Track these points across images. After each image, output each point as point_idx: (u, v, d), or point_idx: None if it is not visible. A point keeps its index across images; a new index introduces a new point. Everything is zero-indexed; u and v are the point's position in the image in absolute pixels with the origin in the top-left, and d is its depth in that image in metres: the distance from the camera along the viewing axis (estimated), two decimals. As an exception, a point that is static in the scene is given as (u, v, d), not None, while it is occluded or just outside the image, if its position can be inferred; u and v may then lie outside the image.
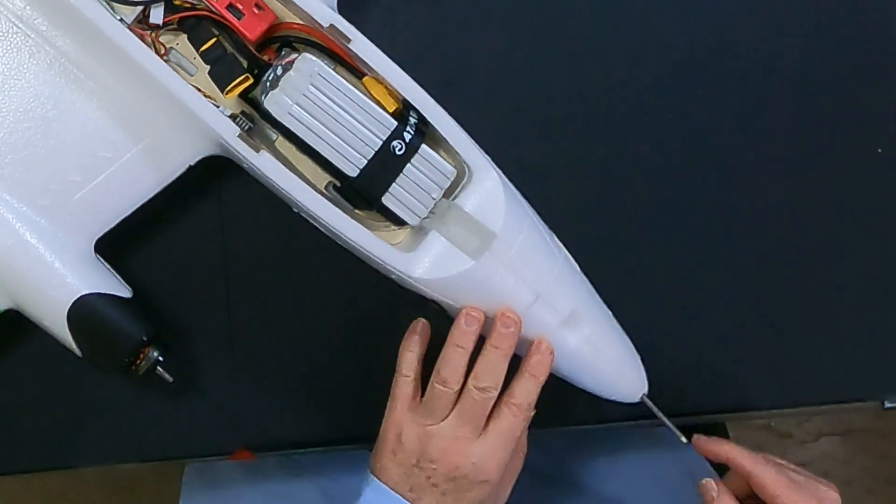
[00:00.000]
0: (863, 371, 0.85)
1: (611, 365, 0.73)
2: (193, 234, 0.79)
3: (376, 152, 0.67)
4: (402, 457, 0.70)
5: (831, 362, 0.84)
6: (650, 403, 0.73)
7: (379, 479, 0.71)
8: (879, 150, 0.84)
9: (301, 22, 0.71)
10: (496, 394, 0.70)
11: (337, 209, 0.68)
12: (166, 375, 0.73)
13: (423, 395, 0.71)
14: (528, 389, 0.70)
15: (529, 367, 0.70)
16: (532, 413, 0.71)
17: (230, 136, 0.67)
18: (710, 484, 0.72)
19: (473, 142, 0.69)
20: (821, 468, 1.60)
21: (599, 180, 0.82)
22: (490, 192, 0.69)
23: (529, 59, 0.82)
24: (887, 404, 0.85)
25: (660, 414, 0.73)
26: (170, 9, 0.69)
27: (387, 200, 0.68)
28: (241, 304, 0.80)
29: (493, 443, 0.70)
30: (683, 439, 0.73)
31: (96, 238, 0.72)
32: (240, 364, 0.80)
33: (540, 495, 0.92)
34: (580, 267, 0.73)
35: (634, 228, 0.82)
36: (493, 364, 0.69)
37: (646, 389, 0.74)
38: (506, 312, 0.69)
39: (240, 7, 0.69)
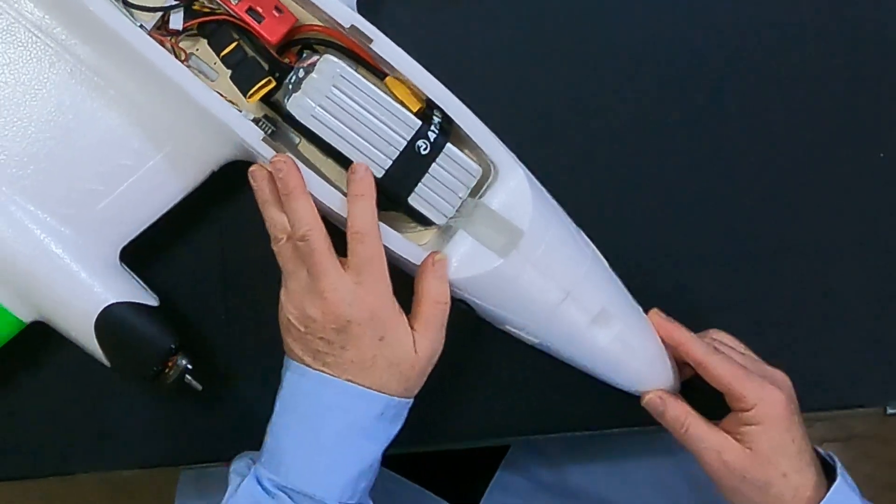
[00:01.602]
0: (865, 377, 0.84)
1: (641, 361, 0.72)
2: (191, 244, 0.79)
3: (401, 153, 0.67)
4: (294, 332, 0.68)
5: (833, 368, 0.83)
6: (681, 399, 0.73)
7: (292, 359, 0.69)
8: (882, 155, 0.83)
9: (321, 23, 0.70)
10: (318, 234, 0.66)
11: (363, 211, 0.67)
12: (195, 383, 0.72)
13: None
14: (361, 212, 0.66)
15: (352, 191, 0.67)
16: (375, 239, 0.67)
17: (254, 141, 0.67)
18: (654, 399, 0.72)
19: (498, 140, 0.69)
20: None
21: (600, 187, 0.81)
22: (516, 189, 0.68)
23: (530, 65, 0.81)
24: (889, 410, 0.84)
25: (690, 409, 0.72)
26: (189, 14, 0.69)
27: (413, 201, 0.68)
28: (238, 312, 0.79)
29: (356, 277, 0.66)
30: None
31: (121, 247, 0.71)
32: (238, 372, 0.80)
33: (540, 502, 0.92)
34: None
35: (634, 233, 0.82)
36: (296, 211, 0.66)
37: (677, 384, 0.73)
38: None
39: (259, 10, 0.69)
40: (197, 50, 0.71)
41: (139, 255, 0.73)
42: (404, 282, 0.69)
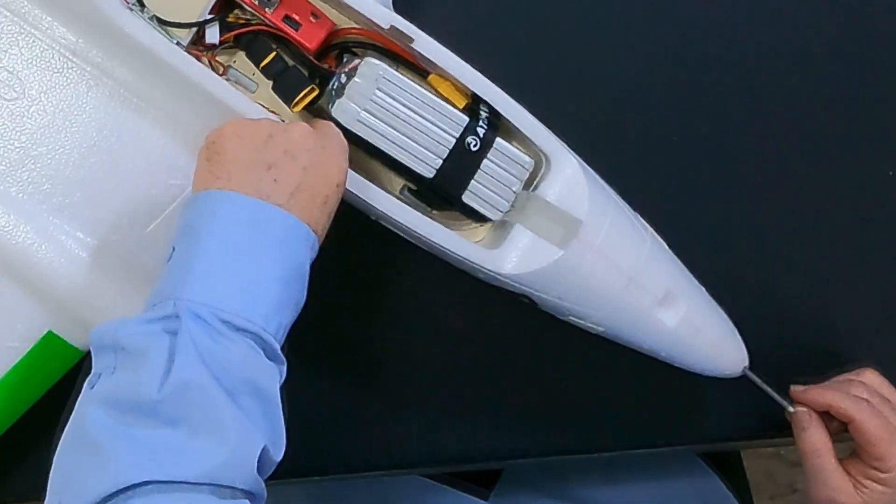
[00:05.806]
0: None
1: (710, 341, 0.72)
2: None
3: (451, 151, 0.66)
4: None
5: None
6: (753, 376, 0.72)
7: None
8: (891, 173, 0.83)
9: (358, 26, 0.69)
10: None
11: (418, 213, 0.66)
12: None
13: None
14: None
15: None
16: None
17: (301, 150, 0.66)
18: (804, 415, 0.72)
19: (548, 130, 0.68)
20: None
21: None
22: (571, 178, 0.67)
23: (533, 73, 0.80)
24: None
25: (764, 386, 0.72)
26: (225, 27, 0.68)
27: (467, 198, 0.67)
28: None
29: None
30: (791, 409, 0.72)
31: (174, 268, 0.70)
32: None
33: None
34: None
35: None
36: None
37: (746, 362, 0.73)
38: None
39: (296, 18, 0.68)
40: (234, 62, 0.70)
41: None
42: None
